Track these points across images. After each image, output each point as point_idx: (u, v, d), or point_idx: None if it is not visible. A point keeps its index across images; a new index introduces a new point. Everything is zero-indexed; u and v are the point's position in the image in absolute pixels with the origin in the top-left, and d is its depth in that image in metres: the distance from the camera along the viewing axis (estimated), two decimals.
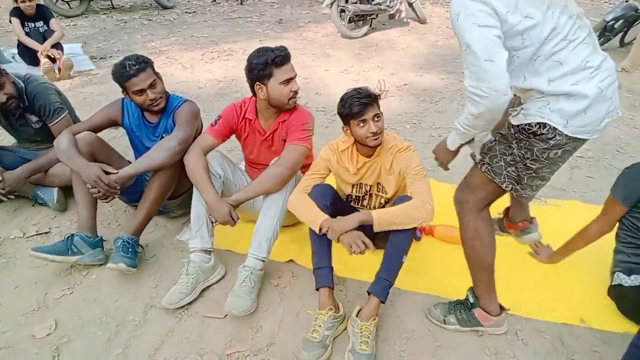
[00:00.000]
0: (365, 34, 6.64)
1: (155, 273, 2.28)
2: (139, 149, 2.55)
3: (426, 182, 1.97)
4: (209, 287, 2.19)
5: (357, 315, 1.92)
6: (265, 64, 2.07)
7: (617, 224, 2.11)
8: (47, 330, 1.96)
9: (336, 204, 2.10)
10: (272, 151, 2.32)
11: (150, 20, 7.64)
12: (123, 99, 2.49)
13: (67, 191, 2.78)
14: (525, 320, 2.05)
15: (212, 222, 2.17)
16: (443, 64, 5.46)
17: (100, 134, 2.41)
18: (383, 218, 1.85)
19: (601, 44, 5.94)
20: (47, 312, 2.05)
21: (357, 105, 1.87)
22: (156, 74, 2.33)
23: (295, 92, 2.15)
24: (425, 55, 5.82)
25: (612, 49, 6.17)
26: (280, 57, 2.08)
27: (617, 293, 2.02)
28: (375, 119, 1.90)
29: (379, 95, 1.93)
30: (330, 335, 1.87)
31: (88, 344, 1.92)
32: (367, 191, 2.16)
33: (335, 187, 2.24)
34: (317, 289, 1.97)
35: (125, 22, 7.47)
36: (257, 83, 2.13)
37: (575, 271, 2.32)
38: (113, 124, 2.50)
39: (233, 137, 2.38)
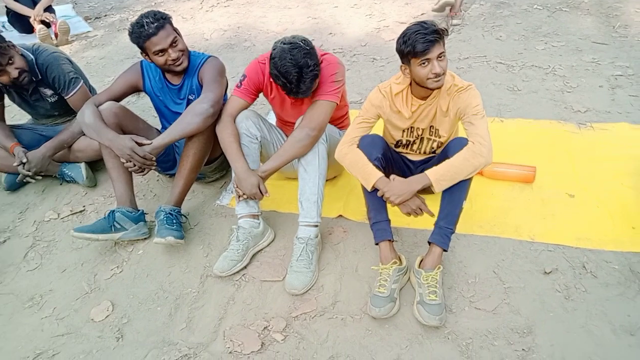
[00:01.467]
0: None
1: (203, 241, 2.22)
2: (165, 114, 2.42)
3: (484, 123, 1.82)
4: (260, 251, 2.13)
5: (419, 266, 1.86)
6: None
7: None
8: (105, 313, 1.93)
9: (386, 154, 1.98)
10: (303, 110, 2.14)
11: None
12: (142, 61, 2.33)
13: (94, 165, 2.70)
14: (591, 252, 1.98)
15: (238, 196, 2.04)
16: None
17: None
18: (442, 179, 1.74)
19: None
20: (100, 294, 2.02)
21: (421, 43, 1.67)
22: (175, 30, 2.15)
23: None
24: None
25: None
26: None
27: None
28: (440, 58, 1.72)
29: (446, 30, 1.73)
30: (397, 288, 1.82)
31: (149, 321, 1.89)
32: (418, 135, 2.03)
33: (382, 133, 2.12)
34: (377, 244, 1.90)
35: None
36: None
37: (635, 199, 2.21)
38: (134, 90, 2.36)
39: None
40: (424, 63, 1.72)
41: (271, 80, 2.05)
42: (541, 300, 1.81)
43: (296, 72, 1.80)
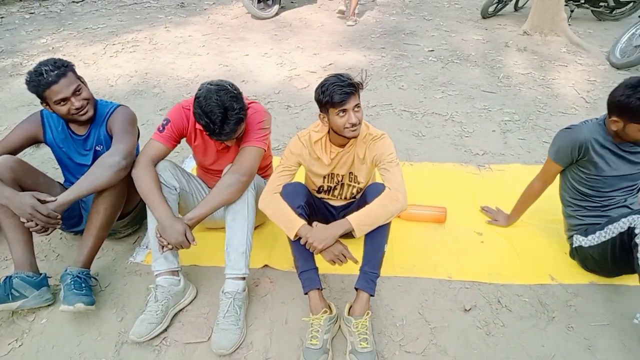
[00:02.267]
0: (277, 14, 6.43)
1: (117, 304, 2.03)
2: (68, 167, 2.24)
3: (399, 170, 1.92)
4: (181, 310, 2.00)
5: (349, 313, 1.86)
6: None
7: (561, 187, 2.23)
8: None
9: (309, 201, 2.00)
10: (229, 157, 2.12)
11: (32, 13, 6.75)
12: (42, 110, 2.15)
13: None
14: (503, 286, 2.13)
15: (161, 247, 1.89)
16: (361, 41, 5.46)
17: None
18: (363, 224, 1.80)
19: (498, 11, 6.32)
20: None
21: (338, 94, 1.74)
22: (79, 78, 2.03)
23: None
24: (342, 32, 5.77)
25: (507, 14, 6.58)
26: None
27: (579, 255, 2.14)
28: (356, 109, 1.80)
29: (361, 84, 1.82)
30: (329, 338, 1.80)
31: None
32: (339, 181, 2.08)
33: (304, 180, 2.14)
34: (306, 293, 1.88)
35: (2, 18, 6.53)
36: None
37: (535, 235, 2.44)
38: (34, 142, 2.16)
39: None
40: (341, 113, 1.79)
41: (196, 127, 2.01)
42: (465, 337, 1.89)
43: (220, 112, 1.77)
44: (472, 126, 3.56)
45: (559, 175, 2.22)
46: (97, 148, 2.16)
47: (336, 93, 1.74)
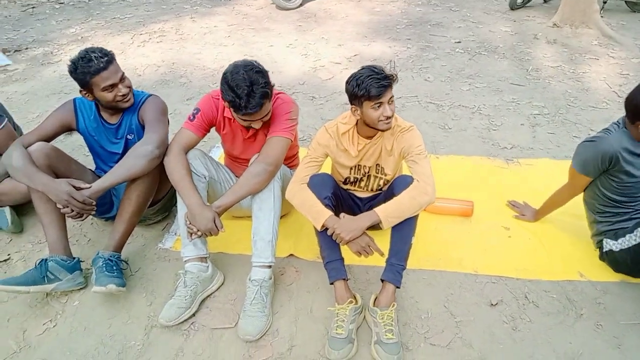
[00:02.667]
0: (301, 4, 6.42)
1: (146, 289, 2.08)
2: (100, 154, 2.29)
3: (427, 162, 1.91)
4: (209, 296, 2.04)
5: (374, 305, 1.86)
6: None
7: (586, 194, 2.16)
8: None
9: (336, 192, 2.00)
10: (256, 147, 2.15)
11: (62, 3, 6.89)
12: (75, 99, 2.20)
13: (20, 209, 2.47)
14: (530, 282, 2.10)
15: (190, 234, 1.93)
16: (386, 32, 5.41)
17: None
18: (390, 216, 1.79)
19: (527, 2, 6.18)
20: (32, 353, 1.81)
21: (376, 87, 1.73)
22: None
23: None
24: (367, 23, 5.73)
25: (536, 5, 6.43)
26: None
27: (610, 258, 2.08)
28: (390, 102, 1.80)
29: (395, 76, 1.81)
30: (354, 328, 1.81)
31: None
32: (365, 173, 2.08)
33: (330, 171, 2.15)
34: (332, 283, 1.89)
35: (34, 8, 6.69)
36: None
37: (564, 230, 2.40)
38: (67, 129, 2.21)
39: None
40: (376, 106, 1.78)
41: (225, 115, 2.04)
42: (490, 332, 1.87)
43: (247, 86, 1.78)
44: (500, 119, 3.51)
45: None
46: (129, 137, 2.21)
47: (373, 86, 1.73)
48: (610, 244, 2.05)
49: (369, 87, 1.73)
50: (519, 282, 2.10)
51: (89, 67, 1.93)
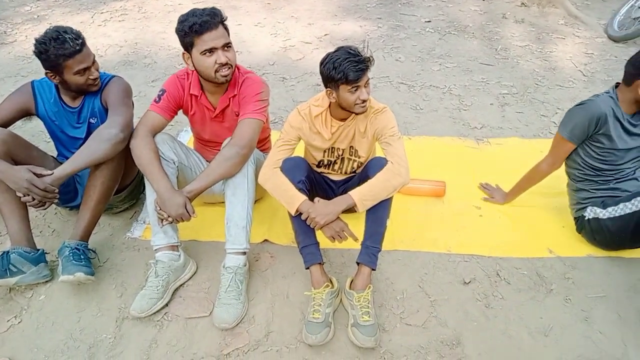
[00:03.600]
0: None
1: (115, 280, 2.02)
2: (61, 140, 2.19)
3: (401, 144, 1.89)
4: (181, 285, 1.99)
5: (350, 287, 1.86)
6: (185, 32, 1.80)
7: (567, 165, 2.21)
8: None
9: (309, 175, 1.98)
10: (225, 128, 2.09)
11: None
12: (33, 82, 2.09)
13: None
14: (502, 259, 2.14)
15: (160, 220, 1.86)
16: (356, 10, 5.33)
17: None
18: (365, 199, 1.78)
19: None
20: None
21: (353, 71, 1.68)
22: None
23: (223, 65, 1.84)
24: (337, 1, 5.62)
25: None
26: (198, 24, 1.76)
27: (593, 227, 2.12)
28: (366, 85, 1.76)
29: (371, 58, 1.76)
30: (331, 312, 1.81)
31: None
32: (339, 155, 2.05)
33: (303, 154, 2.11)
34: (307, 268, 1.87)
35: None
36: (184, 52, 1.87)
37: (533, 208, 2.45)
38: (25, 114, 2.10)
39: None
40: (353, 90, 1.74)
41: (191, 94, 1.99)
42: (464, 310, 1.90)
43: (203, 9, 1.81)
44: (470, 99, 3.53)
45: None
46: (91, 120, 2.11)
47: (351, 70, 1.68)
48: (596, 212, 2.09)
49: (346, 70, 1.68)
50: (491, 260, 2.14)
51: (64, 49, 1.83)
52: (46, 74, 1.94)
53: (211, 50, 1.80)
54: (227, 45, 1.84)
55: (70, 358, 1.71)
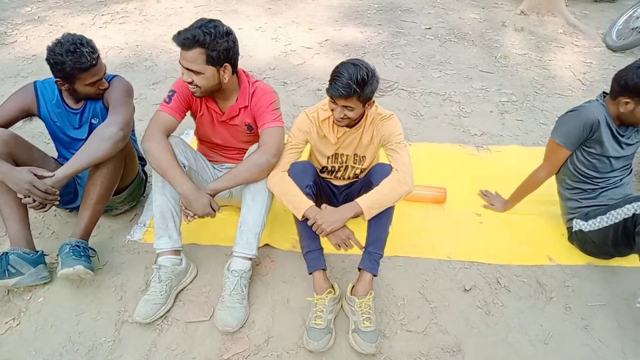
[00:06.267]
0: None
1: (115, 283, 2.00)
2: (62, 141, 2.18)
3: (406, 151, 1.90)
4: (182, 289, 1.98)
5: (351, 293, 1.86)
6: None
7: (559, 171, 2.22)
8: None
9: (316, 180, 1.98)
10: (234, 134, 2.09)
11: None
12: (35, 82, 2.08)
13: None
14: (502, 267, 2.14)
15: (187, 217, 1.86)
16: (357, 17, 5.35)
17: None
18: (372, 206, 1.78)
19: None
20: None
21: (332, 87, 1.71)
22: None
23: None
24: (337, 7, 5.66)
25: None
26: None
27: (579, 238, 2.15)
28: (348, 109, 1.76)
29: (365, 85, 1.69)
30: (332, 318, 1.80)
31: None
32: (343, 162, 2.05)
33: (307, 158, 2.12)
34: (310, 273, 1.87)
35: None
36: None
37: (533, 216, 2.45)
38: (27, 114, 2.09)
39: None
40: (332, 104, 1.79)
41: (200, 99, 1.98)
42: (465, 317, 1.90)
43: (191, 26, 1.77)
44: (470, 106, 3.54)
45: None
46: (93, 121, 2.11)
47: (332, 85, 1.71)
48: (580, 224, 2.11)
49: (332, 82, 1.73)
50: (491, 267, 2.14)
51: (81, 63, 1.85)
52: (56, 81, 1.94)
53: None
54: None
55: None
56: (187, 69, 1.79)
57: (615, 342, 1.82)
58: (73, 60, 1.84)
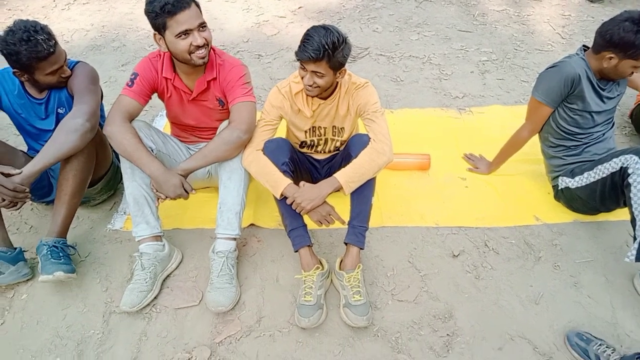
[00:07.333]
0: None
1: (99, 274, 1.96)
2: (30, 133, 2.09)
3: (384, 120, 1.85)
4: (168, 275, 1.95)
5: (340, 268, 1.84)
6: (155, 13, 1.69)
7: (541, 130, 2.20)
8: None
9: (293, 156, 1.92)
10: (206, 111, 2.02)
11: None
12: None
13: None
14: (489, 229, 2.14)
15: (157, 200, 1.83)
16: None
17: None
18: (351, 180, 1.74)
19: None
20: None
21: (301, 51, 1.64)
22: None
23: (199, 47, 1.74)
24: None
25: None
26: (170, 4, 1.65)
27: (566, 196, 2.15)
28: (317, 75, 1.69)
29: (335, 50, 1.62)
30: (322, 294, 1.79)
31: None
32: (321, 134, 2.00)
33: (285, 135, 2.06)
34: (296, 251, 1.84)
35: None
36: (155, 33, 1.77)
37: (517, 176, 2.45)
38: None
39: None
40: (301, 70, 1.73)
41: (165, 77, 1.89)
42: (455, 283, 1.91)
43: None
44: (450, 68, 3.48)
45: None
46: (59, 111, 2.02)
47: (301, 48, 1.64)
48: (566, 182, 2.11)
49: (300, 46, 1.65)
50: (479, 230, 2.14)
51: (37, 52, 1.74)
52: (14, 72, 1.84)
53: (186, 32, 1.71)
54: (202, 25, 1.75)
55: (58, 357, 1.67)
56: (198, 26, 1.73)
57: (604, 296, 1.84)
58: (28, 49, 1.72)
